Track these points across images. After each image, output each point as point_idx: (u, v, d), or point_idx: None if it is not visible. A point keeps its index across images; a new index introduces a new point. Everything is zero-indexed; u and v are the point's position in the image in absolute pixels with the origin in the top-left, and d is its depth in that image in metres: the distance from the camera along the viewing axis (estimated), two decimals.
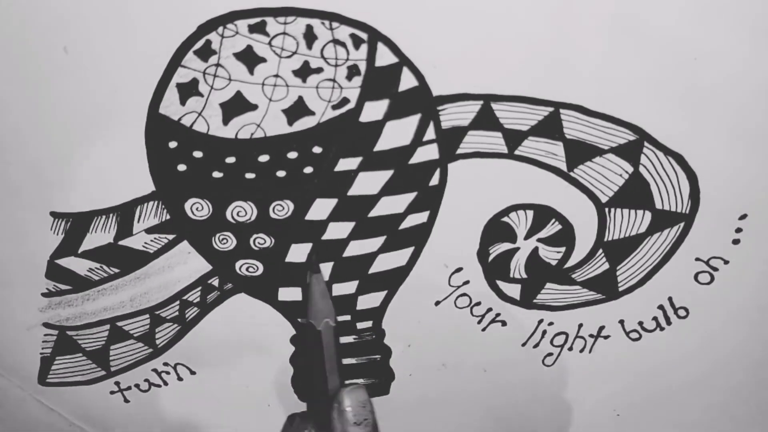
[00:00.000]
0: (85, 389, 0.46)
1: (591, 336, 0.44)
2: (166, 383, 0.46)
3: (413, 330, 0.44)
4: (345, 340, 0.44)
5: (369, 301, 0.43)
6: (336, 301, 0.43)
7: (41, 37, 0.34)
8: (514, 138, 0.37)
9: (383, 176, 0.38)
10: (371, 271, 0.41)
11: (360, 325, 0.44)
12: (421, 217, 0.40)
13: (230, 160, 0.37)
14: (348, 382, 0.40)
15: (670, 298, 0.42)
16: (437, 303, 0.43)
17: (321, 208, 0.39)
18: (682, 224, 0.40)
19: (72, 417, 0.47)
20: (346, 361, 0.45)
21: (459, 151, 0.38)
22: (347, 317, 0.43)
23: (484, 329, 0.44)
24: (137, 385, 0.46)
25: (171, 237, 0.41)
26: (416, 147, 0.37)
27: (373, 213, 0.39)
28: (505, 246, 0.41)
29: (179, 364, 0.46)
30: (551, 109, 0.36)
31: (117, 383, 0.46)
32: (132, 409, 0.47)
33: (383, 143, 0.37)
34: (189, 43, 0.34)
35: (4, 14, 0.33)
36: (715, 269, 0.41)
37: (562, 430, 0.48)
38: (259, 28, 0.34)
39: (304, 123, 0.36)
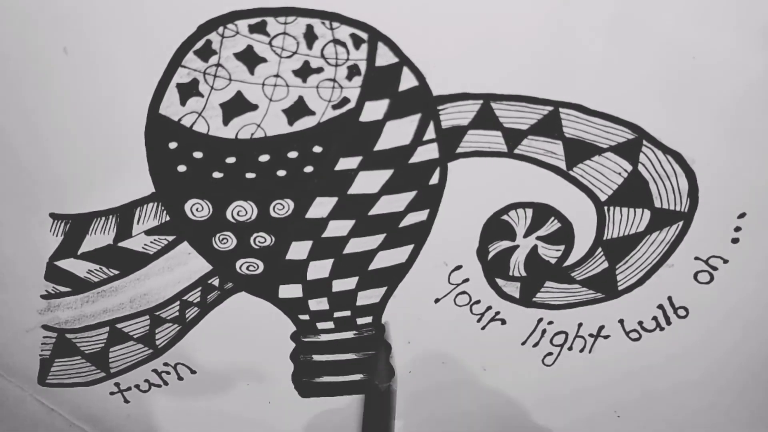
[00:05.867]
0: (84, 390, 0.46)
1: (591, 335, 0.44)
2: (166, 383, 0.46)
3: (413, 327, 0.44)
4: (345, 335, 0.45)
5: (369, 296, 0.43)
6: (336, 296, 0.43)
7: (41, 37, 0.34)
8: (513, 137, 0.38)
9: (383, 175, 0.38)
10: (371, 267, 0.41)
11: (360, 321, 0.44)
12: (420, 216, 0.40)
13: (230, 160, 0.37)
14: None
15: (669, 298, 0.42)
16: (437, 301, 0.43)
17: (321, 207, 0.39)
18: (681, 223, 0.40)
19: (72, 417, 0.47)
20: (346, 356, 0.45)
21: (459, 150, 0.38)
22: (347, 313, 0.44)
23: (483, 328, 0.44)
24: (137, 386, 0.46)
25: (171, 238, 0.41)
26: (416, 146, 0.38)
27: (373, 211, 0.39)
28: (505, 244, 0.41)
29: (179, 364, 0.46)
30: (551, 108, 0.36)
31: (117, 384, 0.46)
32: (132, 410, 0.47)
33: (383, 143, 0.37)
34: (189, 43, 0.34)
35: (4, 14, 0.33)
36: (715, 268, 0.41)
37: (562, 429, 0.48)
38: (259, 28, 0.34)
39: (305, 123, 0.36)
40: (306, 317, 0.44)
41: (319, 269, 0.42)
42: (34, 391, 0.46)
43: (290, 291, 0.43)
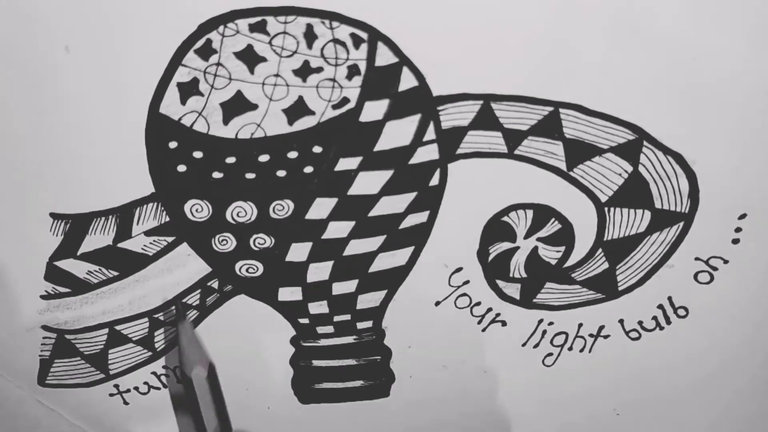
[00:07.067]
0: (84, 391, 0.46)
1: (591, 336, 0.44)
2: (165, 386, 0.46)
3: (413, 331, 0.44)
4: (345, 340, 0.44)
5: (369, 300, 0.43)
6: (336, 300, 0.43)
7: (42, 36, 0.34)
8: (513, 138, 0.38)
9: (383, 176, 0.38)
10: (371, 270, 0.41)
11: (360, 325, 0.44)
12: (421, 217, 0.40)
13: (230, 160, 0.37)
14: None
15: (669, 298, 0.42)
16: (437, 303, 0.43)
17: (321, 208, 0.39)
18: (681, 224, 0.40)
19: (72, 417, 0.47)
20: (346, 362, 0.45)
21: (459, 151, 0.38)
22: (347, 317, 0.43)
23: (484, 330, 0.44)
24: (136, 388, 0.46)
25: (170, 239, 0.41)
26: (416, 147, 0.38)
27: (373, 212, 0.39)
28: (505, 245, 0.41)
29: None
30: (551, 108, 0.36)
31: (116, 386, 0.46)
32: (132, 411, 0.47)
33: (383, 143, 0.37)
34: (190, 42, 0.34)
35: (4, 13, 0.33)
36: (715, 269, 0.41)
37: (563, 430, 0.48)
38: (259, 27, 0.34)
39: (305, 123, 0.37)
40: (306, 321, 0.44)
41: (319, 271, 0.42)
42: (34, 391, 0.46)
43: (290, 294, 0.43)
